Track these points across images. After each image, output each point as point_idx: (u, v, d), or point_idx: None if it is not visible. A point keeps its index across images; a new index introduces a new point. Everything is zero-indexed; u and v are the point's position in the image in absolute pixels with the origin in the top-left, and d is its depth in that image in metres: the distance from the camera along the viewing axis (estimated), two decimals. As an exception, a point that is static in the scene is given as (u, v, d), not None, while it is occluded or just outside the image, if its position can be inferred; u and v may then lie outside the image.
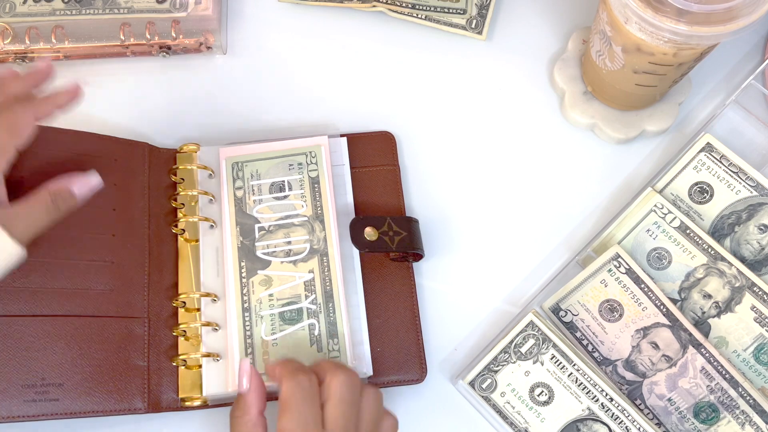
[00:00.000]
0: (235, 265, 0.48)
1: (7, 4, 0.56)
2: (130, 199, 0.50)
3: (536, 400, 0.48)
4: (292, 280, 0.48)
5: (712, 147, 0.53)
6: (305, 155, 0.51)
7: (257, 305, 0.48)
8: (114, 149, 0.50)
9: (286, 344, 0.47)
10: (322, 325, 0.47)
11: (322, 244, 0.49)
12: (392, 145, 0.55)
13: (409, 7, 0.58)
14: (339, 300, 0.48)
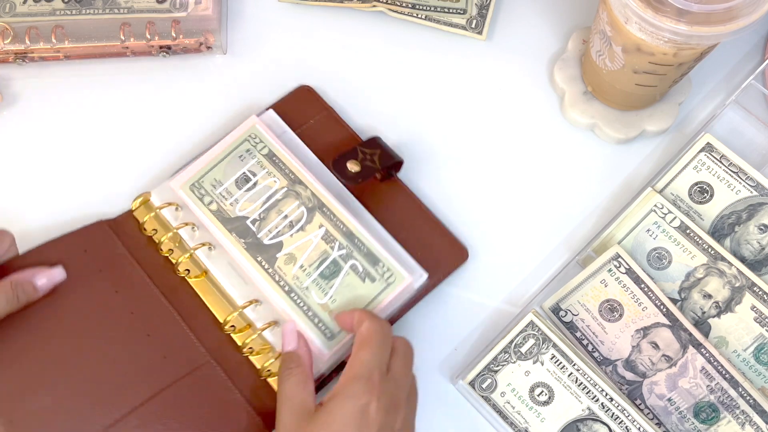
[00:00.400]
0: (254, 264, 0.49)
1: (7, 4, 0.56)
2: (124, 276, 0.49)
3: (536, 400, 0.48)
4: (310, 244, 0.49)
5: (712, 147, 0.53)
6: (247, 141, 0.52)
7: (296, 282, 0.48)
8: (77, 244, 0.50)
9: (342, 294, 0.48)
10: (360, 259, 0.48)
11: (314, 200, 0.50)
12: (314, 94, 0.57)
13: (409, 7, 0.58)
14: (359, 231, 0.49)
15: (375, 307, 0.47)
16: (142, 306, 0.48)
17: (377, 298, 0.48)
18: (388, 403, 0.41)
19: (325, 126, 0.56)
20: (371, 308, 0.48)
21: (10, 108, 0.57)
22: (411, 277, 0.48)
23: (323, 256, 0.49)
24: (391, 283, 0.48)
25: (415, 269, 0.50)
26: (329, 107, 0.56)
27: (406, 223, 0.52)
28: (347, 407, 0.40)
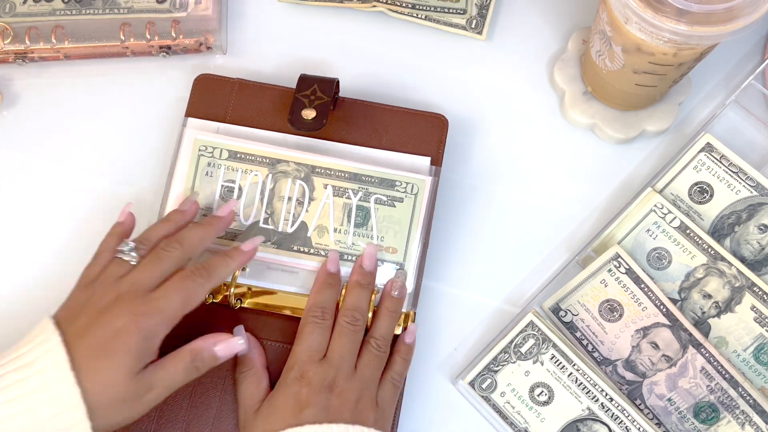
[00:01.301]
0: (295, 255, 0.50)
1: (7, 4, 0.56)
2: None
3: (536, 400, 0.48)
4: (328, 207, 0.50)
5: (712, 147, 0.53)
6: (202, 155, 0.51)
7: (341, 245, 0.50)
8: None
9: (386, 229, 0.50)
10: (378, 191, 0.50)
11: (302, 168, 0.50)
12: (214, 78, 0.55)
13: (409, 7, 0.58)
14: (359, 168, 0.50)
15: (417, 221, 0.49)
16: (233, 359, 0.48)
17: (415, 212, 0.49)
18: (321, 385, 0.43)
19: (248, 97, 0.54)
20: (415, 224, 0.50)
21: (10, 108, 0.57)
22: (428, 175, 0.49)
23: (346, 209, 0.49)
24: (417, 193, 0.49)
25: (421, 164, 0.51)
26: (238, 79, 0.55)
27: (379, 128, 0.53)
28: (282, 396, 0.44)
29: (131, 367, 0.40)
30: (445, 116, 0.54)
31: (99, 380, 0.39)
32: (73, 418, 0.38)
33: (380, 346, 0.46)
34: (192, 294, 0.43)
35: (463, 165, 0.56)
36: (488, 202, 0.55)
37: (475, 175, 0.56)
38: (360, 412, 0.44)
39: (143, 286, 0.42)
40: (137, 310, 0.41)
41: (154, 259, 0.44)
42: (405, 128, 0.53)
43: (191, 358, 0.43)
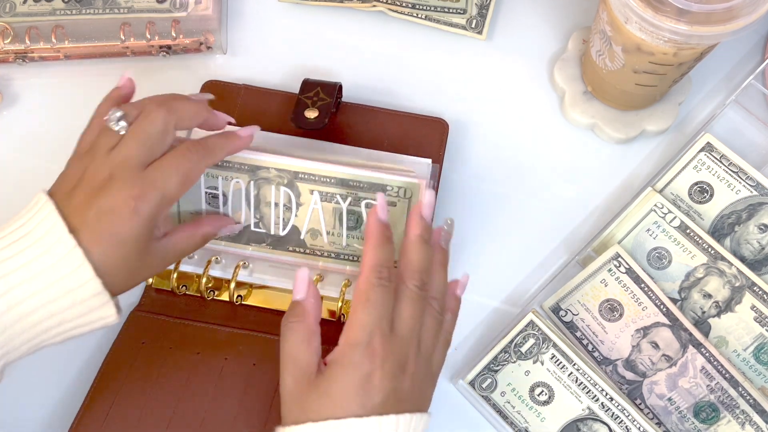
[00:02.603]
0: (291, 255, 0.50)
1: (7, 4, 0.56)
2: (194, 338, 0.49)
3: (536, 399, 0.48)
4: (317, 212, 0.49)
5: (712, 147, 0.53)
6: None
7: (335, 247, 0.50)
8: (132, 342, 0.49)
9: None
10: (368, 195, 0.48)
11: (287, 175, 0.49)
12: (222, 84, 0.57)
13: (409, 6, 0.58)
14: (348, 173, 0.48)
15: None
16: (232, 349, 0.48)
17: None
18: (394, 367, 0.38)
19: (254, 102, 0.56)
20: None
21: (10, 108, 0.57)
22: (422, 179, 0.48)
23: (336, 213, 0.49)
24: (410, 197, 0.48)
25: (418, 165, 0.51)
26: (244, 85, 0.56)
27: (381, 132, 0.54)
28: (347, 377, 0.37)
29: (140, 249, 0.40)
30: (445, 120, 0.55)
31: (111, 261, 0.39)
32: (81, 277, 0.38)
33: (441, 309, 0.41)
34: (190, 171, 0.41)
35: (462, 165, 0.56)
36: (488, 202, 0.55)
37: (474, 175, 0.56)
38: (423, 392, 0.40)
39: (136, 161, 0.40)
40: (133, 192, 0.39)
41: (141, 129, 0.41)
42: (406, 132, 0.54)
43: (202, 239, 0.45)
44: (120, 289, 0.40)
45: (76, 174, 0.40)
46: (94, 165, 0.40)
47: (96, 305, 0.39)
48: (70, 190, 0.40)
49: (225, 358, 0.47)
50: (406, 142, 0.54)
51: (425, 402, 0.40)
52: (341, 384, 0.37)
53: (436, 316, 0.41)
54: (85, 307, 0.38)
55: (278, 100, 0.56)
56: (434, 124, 0.55)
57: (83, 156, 0.41)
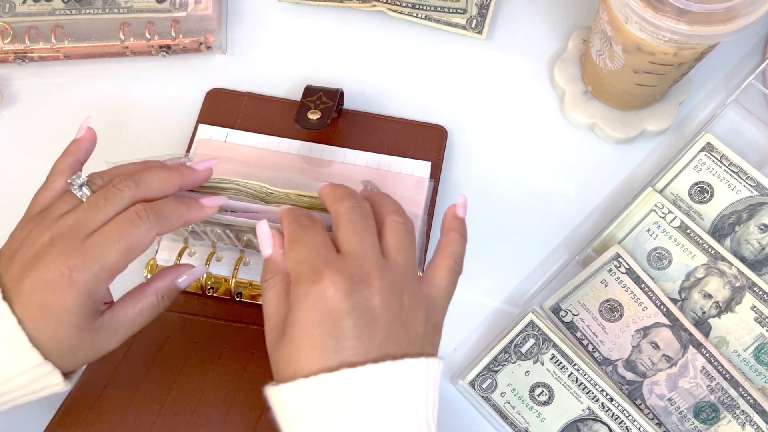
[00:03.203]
0: None
1: (7, 4, 0.56)
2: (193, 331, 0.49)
3: (536, 400, 0.48)
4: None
5: (712, 147, 0.53)
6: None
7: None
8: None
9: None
10: None
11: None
12: (225, 92, 0.57)
13: (410, 6, 0.58)
14: None
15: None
16: (230, 340, 0.48)
17: None
18: (349, 283, 0.33)
19: (257, 108, 0.56)
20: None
21: (10, 108, 0.57)
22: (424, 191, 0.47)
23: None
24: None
25: (422, 170, 0.52)
26: (248, 92, 0.57)
27: (382, 138, 0.55)
28: (302, 310, 0.33)
29: (79, 326, 0.36)
30: (444, 127, 0.55)
31: (47, 338, 0.35)
32: (17, 349, 0.35)
33: (404, 219, 0.37)
34: (135, 241, 0.36)
35: (462, 165, 0.56)
36: (488, 202, 0.55)
37: (474, 175, 0.56)
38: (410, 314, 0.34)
39: (82, 230, 0.36)
40: (70, 262, 0.35)
41: (102, 197, 0.37)
42: (406, 138, 0.55)
43: (157, 299, 0.39)
44: (67, 366, 0.37)
45: (19, 238, 0.37)
46: (38, 229, 0.37)
47: (37, 376, 0.36)
48: (11, 256, 0.37)
49: (223, 347, 0.47)
50: (406, 147, 0.55)
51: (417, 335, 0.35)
52: (300, 319, 0.33)
53: (400, 227, 0.36)
54: (26, 379, 0.36)
55: (281, 107, 0.56)
56: (433, 130, 0.56)
57: (32, 219, 0.38)
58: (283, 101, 0.57)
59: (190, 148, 0.54)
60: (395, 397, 0.33)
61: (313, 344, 0.33)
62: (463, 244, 0.39)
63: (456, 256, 0.38)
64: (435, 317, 0.36)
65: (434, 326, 0.36)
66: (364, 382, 0.32)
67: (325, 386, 0.32)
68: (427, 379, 0.34)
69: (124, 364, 0.46)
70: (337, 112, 0.55)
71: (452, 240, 0.39)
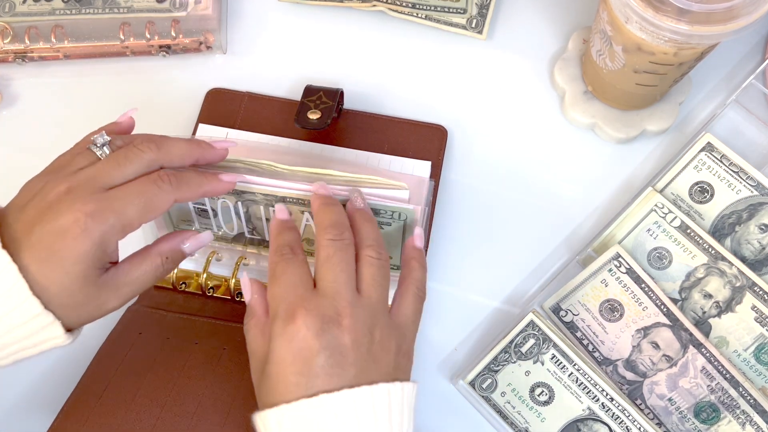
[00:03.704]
0: None
1: (7, 4, 0.56)
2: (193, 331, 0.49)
3: (536, 399, 0.48)
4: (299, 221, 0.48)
5: (712, 146, 0.53)
6: None
7: None
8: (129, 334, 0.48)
9: None
10: None
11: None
12: (225, 91, 0.58)
13: (410, 6, 0.58)
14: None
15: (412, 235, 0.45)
16: (231, 340, 0.48)
17: (407, 231, 0.47)
18: (319, 322, 0.35)
19: (257, 108, 0.56)
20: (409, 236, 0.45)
21: (10, 108, 0.57)
22: (416, 204, 0.47)
23: None
24: (405, 218, 0.47)
25: (422, 169, 0.51)
26: (247, 92, 0.57)
27: (382, 138, 0.55)
28: (277, 349, 0.35)
29: (85, 275, 0.35)
30: (444, 127, 0.55)
31: (51, 284, 0.35)
32: (17, 298, 0.34)
33: (378, 253, 0.38)
34: (154, 200, 0.37)
35: (462, 165, 0.56)
36: (488, 202, 0.55)
37: (474, 175, 0.56)
38: (381, 347, 0.36)
39: (100, 183, 0.36)
40: (86, 208, 0.35)
41: (122, 155, 0.38)
42: (406, 138, 0.55)
43: (161, 261, 0.39)
44: (68, 321, 0.36)
45: (34, 189, 0.37)
46: (55, 181, 0.37)
47: (37, 327, 0.35)
48: (23, 205, 0.37)
49: (224, 348, 0.47)
50: (406, 147, 0.55)
51: (389, 367, 0.36)
52: (275, 361, 0.35)
53: (374, 262, 0.38)
54: (27, 330, 0.35)
55: (281, 107, 0.56)
56: (433, 130, 0.56)
57: (48, 173, 0.38)
58: (283, 101, 0.57)
59: None
60: (370, 419, 0.35)
61: (287, 382, 0.35)
62: (424, 272, 0.41)
63: (418, 283, 0.40)
64: (405, 345, 0.38)
65: (405, 353, 0.38)
66: (340, 405, 0.34)
67: (305, 410, 0.34)
68: (402, 402, 0.36)
69: (124, 366, 0.46)
70: (337, 112, 0.55)
71: (413, 268, 0.41)
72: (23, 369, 0.49)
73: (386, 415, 0.35)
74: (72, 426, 0.43)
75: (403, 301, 0.39)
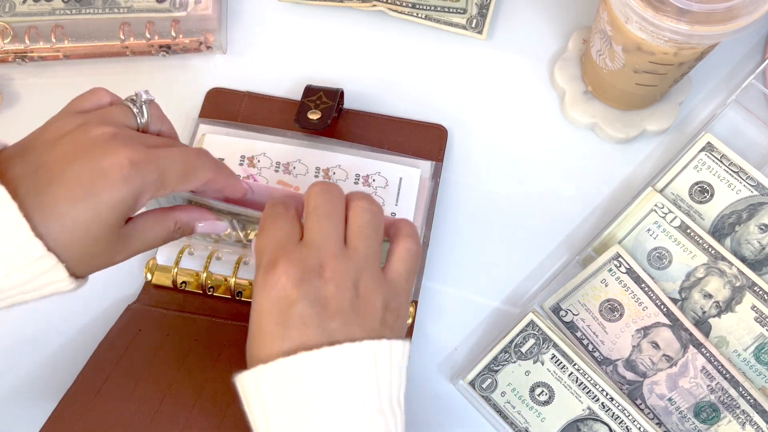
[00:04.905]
0: None
1: (7, 4, 0.56)
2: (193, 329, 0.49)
3: (536, 399, 0.48)
4: None
5: (712, 146, 0.53)
6: None
7: None
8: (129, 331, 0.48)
9: None
10: None
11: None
12: (225, 91, 0.58)
13: (410, 6, 0.58)
14: None
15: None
16: (231, 338, 0.48)
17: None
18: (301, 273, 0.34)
19: (257, 107, 0.56)
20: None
21: (10, 108, 0.57)
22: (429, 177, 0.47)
23: None
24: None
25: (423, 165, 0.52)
26: (248, 92, 0.57)
27: (382, 137, 0.55)
28: (258, 299, 0.35)
29: (112, 222, 0.34)
30: (444, 126, 0.56)
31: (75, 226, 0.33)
32: (18, 239, 0.32)
33: (369, 203, 0.37)
34: (196, 170, 0.37)
35: (462, 165, 0.56)
36: (488, 202, 0.55)
37: (474, 175, 0.56)
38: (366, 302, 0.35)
39: (146, 141, 0.36)
40: (134, 155, 0.34)
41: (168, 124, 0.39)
42: (407, 137, 0.55)
43: (174, 228, 0.39)
44: (73, 267, 0.34)
45: (67, 125, 0.35)
46: (97, 122, 0.35)
47: (39, 271, 0.33)
48: (58, 138, 0.35)
49: (224, 345, 0.47)
50: (406, 147, 0.55)
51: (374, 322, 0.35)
52: (257, 312, 0.34)
53: (364, 213, 0.37)
54: (27, 274, 0.33)
55: (281, 107, 0.56)
56: (433, 130, 0.56)
57: (78, 114, 0.36)
58: (283, 101, 0.57)
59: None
60: (354, 379, 0.33)
61: (263, 331, 0.34)
62: (413, 226, 0.39)
63: (410, 238, 0.38)
64: (396, 302, 0.36)
65: (394, 311, 0.36)
66: (321, 364, 0.33)
67: (282, 370, 0.33)
68: (390, 361, 0.34)
69: (124, 360, 0.46)
70: (337, 111, 0.55)
71: (402, 225, 0.39)
72: (24, 356, 0.50)
73: (372, 376, 0.33)
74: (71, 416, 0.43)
75: (393, 257, 0.37)
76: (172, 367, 0.46)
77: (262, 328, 0.34)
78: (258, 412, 0.33)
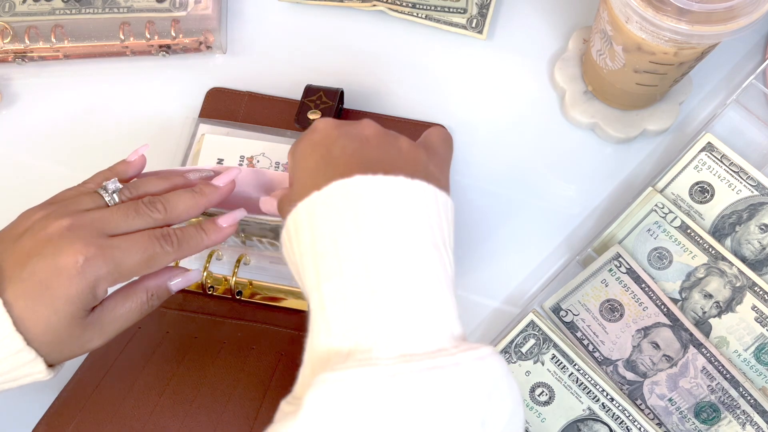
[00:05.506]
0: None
1: (7, 4, 0.56)
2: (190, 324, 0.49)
3: (537, 400, 0.48)
4: None
5: (712, 146, 0.52)
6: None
7: None
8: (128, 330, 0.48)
9: None
10: None
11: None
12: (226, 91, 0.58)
13: (410, 6, 0.58)
14: None
15: None
16: (230, 336, 0.48)
17: None
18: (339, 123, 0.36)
19: (257, 107, 0.57)
20: None
21: (10, 108, 0.57)
22: None
23: None
24: None
25: None
26: (248, 92, 0.57)
27: None
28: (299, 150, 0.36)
29: (72, 316, 0.35)
30: (444, 127, 0.55)
31: (38, 320, 0.35)
32: (12, 346, 0.34)
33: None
34: (155, 259, 0.38)
35: (462, 164, 0.56)
36: (488, 202, 0.55)
37: (474, 175, 0.56)
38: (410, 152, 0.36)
39: (105, 228, 0.37)
40: (87, 250, 0.35)
41: (132, 209, 0.38)
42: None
43: (147, 297, 0.39)
44: (50, 357, 0.36)
45: (33, 218, 0.37)
46: (58, 214, 0.37)
47: (19, 363, 0.35)
48: (20, 234, 0.36)
49: (223, 342, 0.47)
50: None
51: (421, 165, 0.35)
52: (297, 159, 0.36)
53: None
54: (7, 365, 0.35)
55: (281, 107, 0.57)
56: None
57: (50, 205, 0.38)
58: (283, 101, 0.57)
59: (190, 147, 0.54)
60: (408, 211, 0.32)
61: (309, 169, 0.34)
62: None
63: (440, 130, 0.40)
64: (436, 159, 0.37)
65: (437, 166, 0.36)
66: (375, 189, 0.32)
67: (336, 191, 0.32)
68: (437, 207, 0.34)
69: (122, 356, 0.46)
70: (337, 111, 0.55)
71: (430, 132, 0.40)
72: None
73: (424, 213, 0.32)
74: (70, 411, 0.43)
75: (426, 134, 0.39)
76: (172, 363, 0.46)
77: (307, 167, 0.34)
78: (306, 239, 0.32)
